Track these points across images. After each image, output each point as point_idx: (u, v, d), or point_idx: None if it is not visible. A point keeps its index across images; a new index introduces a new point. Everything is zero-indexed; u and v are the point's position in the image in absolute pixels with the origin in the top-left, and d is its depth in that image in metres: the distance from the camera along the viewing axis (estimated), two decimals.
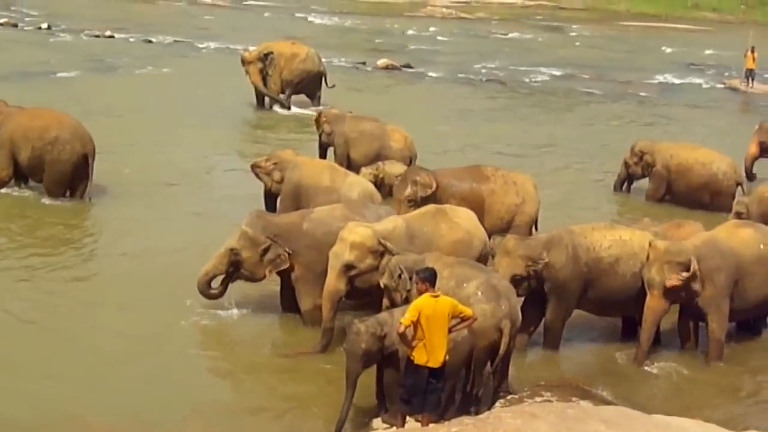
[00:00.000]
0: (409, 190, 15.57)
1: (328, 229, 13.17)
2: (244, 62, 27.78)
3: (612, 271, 13.11)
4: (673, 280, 12.58)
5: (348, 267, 12.39)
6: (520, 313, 11.54)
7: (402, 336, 9.85)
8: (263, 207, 16.78)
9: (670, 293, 12.74)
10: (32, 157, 17.99)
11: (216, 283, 13.44)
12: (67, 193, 18.25)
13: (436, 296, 9.99)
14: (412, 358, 9.98)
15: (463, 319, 10.14)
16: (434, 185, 15.63)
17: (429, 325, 9.84)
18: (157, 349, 12.52)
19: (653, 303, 12.81)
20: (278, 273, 13.40)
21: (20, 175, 18.49)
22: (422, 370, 9.96)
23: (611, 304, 13.42)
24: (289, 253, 13.22)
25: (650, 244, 12.97)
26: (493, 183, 16.08)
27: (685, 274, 12.59)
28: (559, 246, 12.94)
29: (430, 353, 9.90)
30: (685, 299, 12.89)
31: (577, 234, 13.25)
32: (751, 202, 17.09)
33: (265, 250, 13.22)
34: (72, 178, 18.15)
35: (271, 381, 12.14)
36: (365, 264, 12.39)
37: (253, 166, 17.12)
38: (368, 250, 12.38)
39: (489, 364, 11.20)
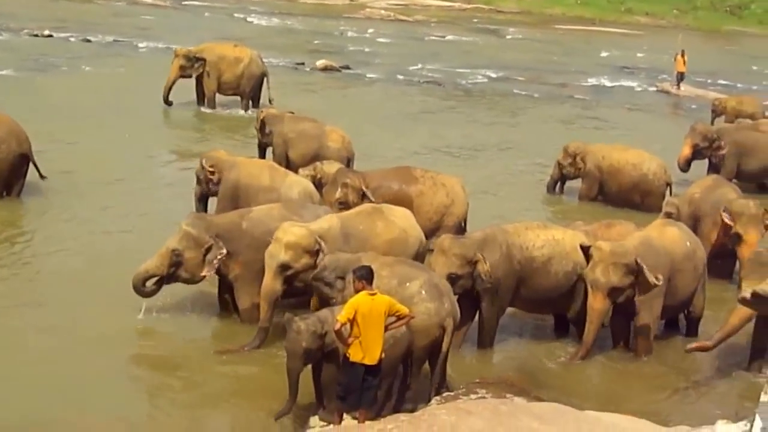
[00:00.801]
0: (339, 193, 15.65)
1: (266, 228, 13.22)
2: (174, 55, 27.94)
3: (544, 269, 13.32)
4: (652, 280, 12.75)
5: (284, 267, 12.50)
6: (459, 311, 11.76)
7: (338, 333, 9.97)
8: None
9: (614, 293, 12.96)
10: None
11: (150, 283, 13.38)
12: (3, 193, 18.16)
13: (372, 294, 10.11)
14: (348, 355, 10.11)
15: (400, 318, 10.27)
16: (364, 187, 15.72)
17: (365, 323, 9.95)
18: (97, 348, 12.49)
19: (598, 304, 12.97)
20: (217, 272, 13.44)
21: None
22: (358, 367, 10.08)
23: (543, 302, 13.64)
24: (228, 253, 13.26)
25: (594, 246, 13.13)
26: (421, 184, 16.19)
27: (660, 279, 12.82)
28: (493, 245, 13.11)
29: (366, 351, 10.02)
30: (626, 298, 13.08)
31: (510, 233, 13.43)
32: (681, 203, 17.41)
33: (207, 250, 13.27)
34: (8, 176, 18.04)
35: (209, 376, 12.17)
36: (301, 264, 12.50)
37: (199, 172, 17.02)
38: (303, 250, 12.50)
39: (428, 361, 11.39)
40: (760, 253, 13.14)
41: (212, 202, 17.13)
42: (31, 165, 18.35)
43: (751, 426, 5.67)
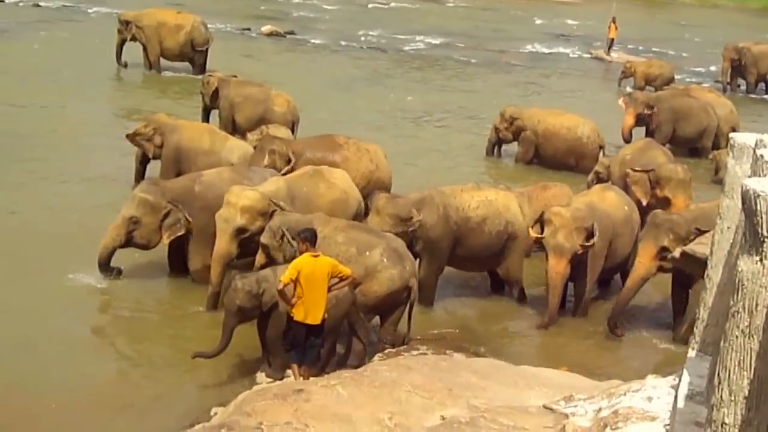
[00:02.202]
0: (267, 160, 15.61)
1: (218, 191, 13.34)
2: None
3: (479, 229, 13.63)
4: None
5: (240, 231, 12.65)
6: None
7: (281, 293, 10.17)
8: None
9: (574, 257, 13.24)
10: None
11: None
12: None
13: (316, 256, 10.32)
14: (291, 314, 10.35)
15: (342, 279, 10.52)
16: (291, 154, 15.72)
17: (308, 284, 10.16)
18: (40, 316, 12.52)
19: (561, 268, 13.23)
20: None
21: None
22: (301, 326, 10.34)
23: (478, 261, 13.97)
24: (187, 218, 13.39)
25: (551, 212, 13.37)
26: (346, 150, 16.16)
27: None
28: (430, 206, 13.36)
29: (308, 311, 10.23)
30: (578, 261, 13.37)
31: (447, 195, 13.70)
32: (612, 163, 17.72)
33: (165, 216, 13.41)
34: None
35: (162, 337, 12.41)
36: (256, 226, 12.62)
37: (133, 135, 17.04)
38: (258, 213, 12.65)
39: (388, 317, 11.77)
40: (655, 215, 13.31)
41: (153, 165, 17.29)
42: None
43: (680, 380, 5.97)
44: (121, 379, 11.37)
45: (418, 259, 12.98)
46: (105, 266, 13.46)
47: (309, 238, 10.45)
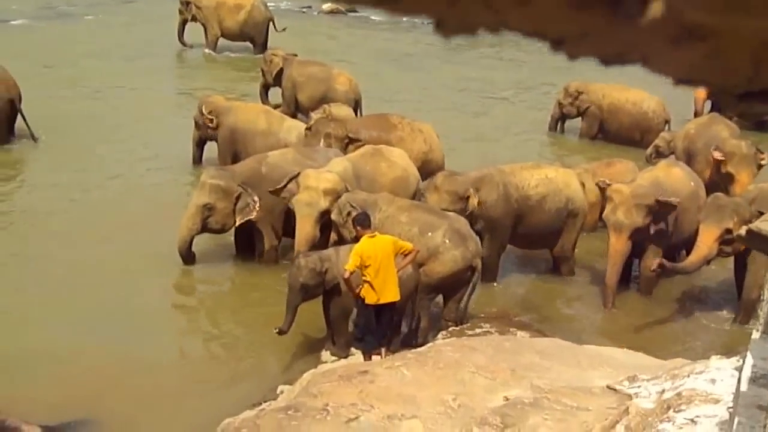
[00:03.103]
0: (322, 144, 15.60)
1: (284, 172, 13.40)
2: None
3: (539, 207, 13.66)
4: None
5: (324, 213, 12.64)
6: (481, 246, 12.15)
7: (347, 282, 10.35)
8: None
9: (635, 234, 13.22)
10: None
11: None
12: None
13: (372, 236, 10.47)
14: (363, 299, 10.49)
15: (406, 255, 10.65)
16: (347, 136, 15.68)
17: (374, 266, 10.31)
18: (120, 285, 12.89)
19: (620, 245, 13.21)
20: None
21: None
22: (373, 309, 10.48)
23: (538, 239, 13.96)
24: (255, 200, 13.46)
25: (612, 188, 13.32)
26: (400, 131, 16.12)
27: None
28: (490, 184, 13.39)
29: (381, 291, 10.39)
30: (642, 239, 13.32)
31: (507, 173, 13.72)
32: (676, 138, 17.56)
33: (237, 199, 13.52)
34: (7, 120, 18.31)
35: (225, 319, 12.67)
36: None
37: (198, 119, 17.22)
38: (338, 195, 12.69)
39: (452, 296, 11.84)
40: (717, 197, 13.18)
41: (210, 147, 17.48)
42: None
43: (743, 363, 5.96)
44: (191, 357, 11.64)
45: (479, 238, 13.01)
46: (186, 256, 13.64)
47: (363, 222, 10.60)
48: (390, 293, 10.45)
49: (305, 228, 12.77)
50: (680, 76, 1.28)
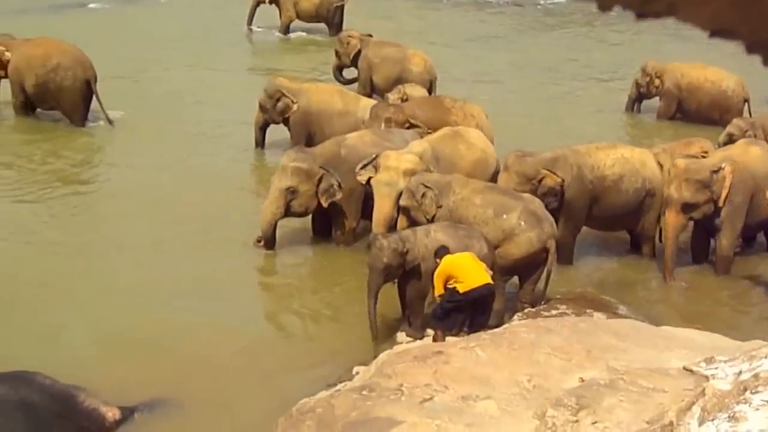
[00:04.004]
0: (383, 128, 15.41)
1: (362, 154, 13.49)
2: None
3: (616, 188, 13.55)
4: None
5: (401, 194, 12.67)
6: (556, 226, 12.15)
7: (441, 297, 10.56)
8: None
9: (687, 209, 13.16)
10: (37, 85, 18.50)
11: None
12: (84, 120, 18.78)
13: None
14: (458, 291, 10.59)
15: None
16: (407, 121, 15.51)
17: (457, 267, 10.52)
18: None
19: (672, 219, 13.23)
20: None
21: (30, 103, 18.98)
22: (464, 296, 10.57)
23: (615, 220, 13.86)
24: (339, 181, 13.51)
25: (673, 163, 13.38)
26: (454, 115, 15.93)
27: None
28: (563, 165, 13.30)
29: (473, 279, 10.54)
30: (701, 215, 13.27)
31: (581, 153, 13.62)
32: (760, 120, 17.26)
33: (319, 181, 13.54)
34: (79, 103, 18.59)
35: (304, 299, 12.77)
36: None
37: (264, 102, 17.18)
38: None
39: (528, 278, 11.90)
40: None
41: (271, 130, 17.54)
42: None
43: None
44: (269, 339, 11.75)
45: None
46: (271, 241, 13.69)
47: (443, 255, 10.70)
48: (482, 276, 10.56)
49: (384, 207, 12.80)
50: (709, 27, 1.27)
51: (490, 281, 10.66)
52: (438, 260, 10.68)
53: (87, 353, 10.78)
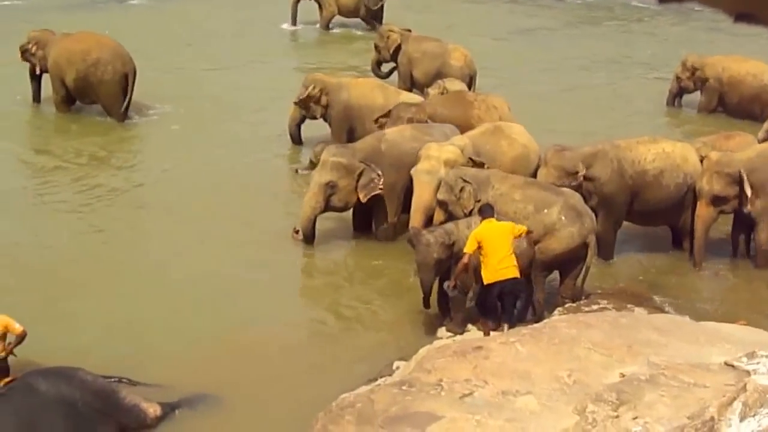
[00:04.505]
0: (384, 130, 15.07)
1: (402, 149, 13.57)
2: None
3: (656, 183, 13.46)
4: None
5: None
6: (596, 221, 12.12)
7: (465, 265, 10.43)
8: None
9: (717, 202, 13.11)
10: (77, 79, 18.67)
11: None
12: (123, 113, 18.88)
13: (490, 222, 10.57)
14: (482, 280, 10.54)
15: (520, 236, 10.78)
16: (427, 119, 15.39)
17: (491, 247, 10.42)
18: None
19: (702, 211, 13.21)
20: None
21: (70, 97, 19.17)
22: (492, 288, 10.53)
23: (656, 215, 13.79)
24: (379, 175, 13.52)
25: (705, 155, 13.32)
26: (477, 109, 15.89)
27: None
28: (603, 160, 13.25)
29: (498, 270, 10.45)
30: (732, 208, 13.23)
31: (622, 148, 13.54)
32: None
33: (359, 176, 13.56)
34: (118, 96, 18.71)
35: (344, 294, 12.85)
36: None
37: (305, 100, 17.17)
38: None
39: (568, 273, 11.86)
40: None
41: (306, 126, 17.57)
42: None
43: None
44: (310, 334, 11.82)
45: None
46: (310, 236, 13.73)
47: (486, 213, 10.69)
48: (507, 271, 10.49)
49: (423, 195, 12.83)
50: (732, 10, 1.26)
51: (516, 275, 10.60)
52: (481, 217, 10.63)
53: (129, 349, 10.86)
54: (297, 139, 17.61)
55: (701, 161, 13.54)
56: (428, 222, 12.74)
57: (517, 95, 18.12)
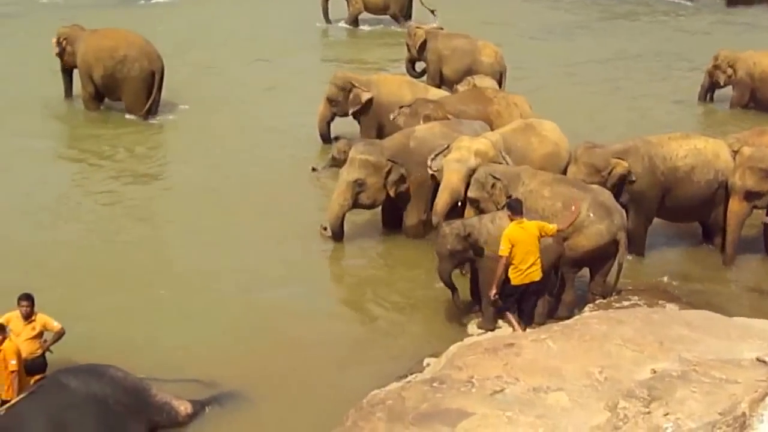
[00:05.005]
0: (413, 128, 14.97)
1: (431, 146, 13.51)
2: None
3: (688, 179, 13.37)
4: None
5: (471, 172, 12.70)
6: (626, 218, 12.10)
7: (503, 265, 10.47)
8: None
9: (750, 197, 13.06)
10: (105, 76, 18.83)
11: None
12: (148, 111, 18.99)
13: (520, 223, 10.56)
14: (508, 279, 10.57)
15: (550, 235, 10.80)
16: (446, 117, 15.25)
17: (521, 251, 10.45)
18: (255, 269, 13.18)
19: (735, 206, 13.18)
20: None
21: (99, 93, 19.31)
22: (518, 288, 10.58)
23: (687, 211, 13.72)
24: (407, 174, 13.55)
25: (737, 151, 13.27)
26: (497, 105, 15.80)
27: None
28: (635, 156, 13.17)
29: (526, 273, 10.52)
30: (766, 203, 13.17)
31: (653, 144, 13.47)
32: None
33: (387, 174, 13.59)
34: (147, 93, 18.84)
35: (374, 291, 12.87)
36: None
37: (332, 96, 17.27)
38: (489, 160, 12.79)
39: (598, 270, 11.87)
40: None
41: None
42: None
43: None
44: (341, 332, 11.76)
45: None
46: (339, 233, 13.77)
47: (515, 209, 10.65)
48: (534, 274, 10.55)
49: (452, 179, 12.84)
50: None
51: (540, 277, 10.65)
52: (510, 213, 10.62)
53: (161, 345, 10.91)
54: (327, 137, 17.64)
55: (734, 157, 13.46)
56: (453, 206, 12.84)
57: (551, 90, 18.07)
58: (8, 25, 26.89)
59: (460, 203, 12.84)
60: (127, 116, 18.91)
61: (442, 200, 12.87)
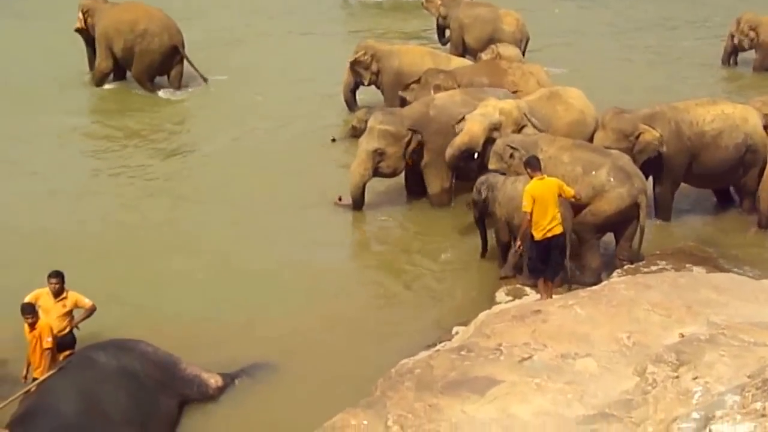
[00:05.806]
0: (433, 95, 15.09)
1: (452, 114, 13.53)
2: None
3: (715, 144, 13.28)
4: None
5: (493, 127, 12.84)
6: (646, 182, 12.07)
7: (525, 222, 10.51)
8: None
9: None
10: (125, 49, 18.95)
11: None
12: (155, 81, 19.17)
13: (542, 179, 10.54)
14: (532, 236, 10.56)
15: (567, 197, 10.83)
16: (457, 87, 15.30)
17: (541, 207, 10.42)
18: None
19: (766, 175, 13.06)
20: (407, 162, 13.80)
21: (120, 67, 19.47)
22: (541, 244, 10.55)
23: (715, 177, 13.64)
24: (420, 142, 13.62)
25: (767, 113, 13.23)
26: (512, 75, 15.77)
27: None
28: (661, 122, 13.12)
29: (546, 228, 10.49)
30: None
31: (680, 110, 13.40)
32: None
33: (408, 143, 13.64)
34: (160, 67, 19.03)
35: (403, 259, 12.89)
36: (504, 132, 12.84)
37: (353, 63, 17.39)
38: (513, 120, 12.89)
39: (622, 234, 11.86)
40: None
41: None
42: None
43: None
44: (369, 302, 11.81)
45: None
46: (359, 203, 13.81)
47: (533, 165, 10.65)
48: (556, 228, 10.53)
49: (472, 127, 12.96)
50: None
51: (562, 231, 10.64)
52: (529, 170, 10.62)
53: (184, 322, 10.93)
54: (352, 104, 17.68)
55: (764, 121, 13.38)
56: (464, 152, 13.06)
57: (576, 56, 17.97)
58: (31, 2, 26.92)
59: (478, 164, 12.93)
60: (154, 92, 19.04)
61: (459, 140, 13.01)
